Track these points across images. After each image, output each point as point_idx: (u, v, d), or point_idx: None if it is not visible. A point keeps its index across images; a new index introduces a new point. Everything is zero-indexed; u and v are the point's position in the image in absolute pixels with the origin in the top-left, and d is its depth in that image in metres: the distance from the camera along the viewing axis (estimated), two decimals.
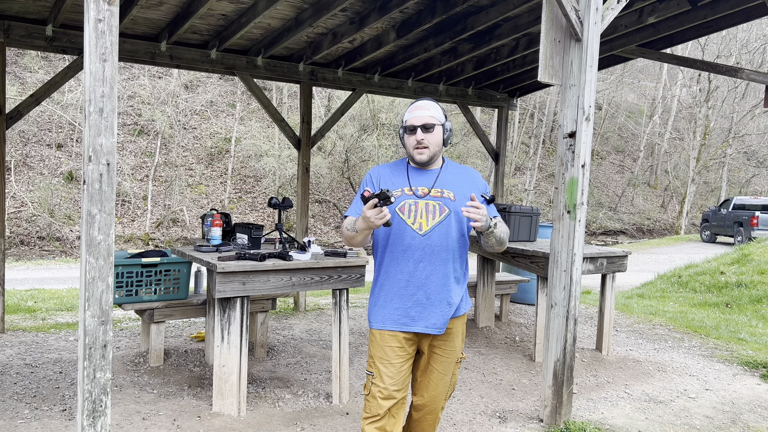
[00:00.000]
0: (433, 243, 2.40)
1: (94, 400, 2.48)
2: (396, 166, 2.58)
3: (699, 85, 27.95)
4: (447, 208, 2.43)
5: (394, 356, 2.44)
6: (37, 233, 15.02)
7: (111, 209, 2.48)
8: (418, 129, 2.43)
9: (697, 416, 4.05)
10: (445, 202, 2.44)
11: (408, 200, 2.44)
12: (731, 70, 6.16)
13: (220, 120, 20.49)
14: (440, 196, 2.44)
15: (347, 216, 2.51)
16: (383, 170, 2.56)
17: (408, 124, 2.46)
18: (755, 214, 19.29)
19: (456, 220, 2.43)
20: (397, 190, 2.47)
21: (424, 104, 2.47)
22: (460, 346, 2.58)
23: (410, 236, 2.41)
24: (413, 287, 2.42)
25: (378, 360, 2.46)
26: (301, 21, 5.28)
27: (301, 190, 6.87)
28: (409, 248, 2.41)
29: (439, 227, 2.41)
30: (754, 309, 7.78)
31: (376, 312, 2.50)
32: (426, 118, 2.43)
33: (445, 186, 2.47)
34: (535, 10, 5.25)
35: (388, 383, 2.43)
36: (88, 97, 2.41)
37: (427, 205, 2.42)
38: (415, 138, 2.43)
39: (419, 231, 2.40)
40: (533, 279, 7.22)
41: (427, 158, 2.45)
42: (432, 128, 2.44)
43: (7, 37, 5.16)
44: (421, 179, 2.49)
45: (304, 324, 6.26)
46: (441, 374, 2.53)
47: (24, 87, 17.40)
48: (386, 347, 2.45)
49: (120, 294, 4.40)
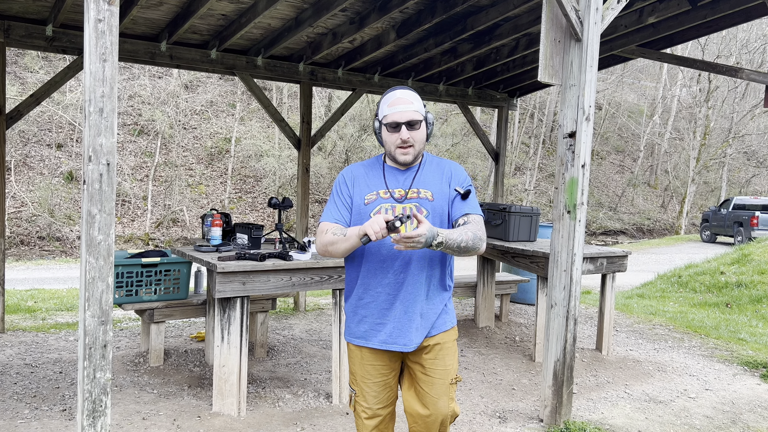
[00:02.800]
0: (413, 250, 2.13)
1: (94, 400, 2.48)
2: (371, 165, 2.34)
3: (699, 85, 27.95)
4: (425, 209, 2.21)
5: (377, 374, 2.29)
6: (37, 233, 15.03)
7: (111, 209, 2.48)
8: (402, 126, 2.17)
9: (697, 416, 4.05)
10: (422, 202, 2.22)
11: (384, 204, 2.22)
12: (731, 70, 6.16)
13: (220, 120, 20.49)
14: (417, 197, 2.23)
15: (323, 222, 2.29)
16: (357, 170, 2.33)
17: (390, 121, 2.18)
18: (755, 214, 19.29)
19: (436, 221, 2.22)
20: (371, 193, 2.25)
21: (406, 96, 2.19)
22: (453, 365, 2.31)
23: (389, 244, 2.19)
24: (393, 299, 2.22)
25: (360, 378, 2.31)
26: (301, 21, 5.28)
27: (301, 190, 6.88)
28: (389, 257, 2.20)
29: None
30: (754, 309, 7.78)
31: (355, 327, 2.32)
32: (410, 113, 2.17)
33: (422, 185, 2.25)
34: (535, 10, 5.25)
35: (371, 402, 2.30)
36: (88, 97, 2.41)
37: (405, 209, 2.20)
38: (398, 136, 2.18)
39: None
40: (533, 279, 7.21)
41: (411, 158, 2.23)
42: (418, 125, 2.19)
43: (7, 37, 5.16)
44: (397, 180, 2.27)
45: (304, 324, 6.26)
46: (434, 398, 2.28)
47: (24, 87, 17.40)
48: (367, 365, 2.29)
49: (120, 294, 4.40)
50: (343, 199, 2.29)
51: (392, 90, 2.22)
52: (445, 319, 2.30)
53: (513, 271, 7.38)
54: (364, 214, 2.23)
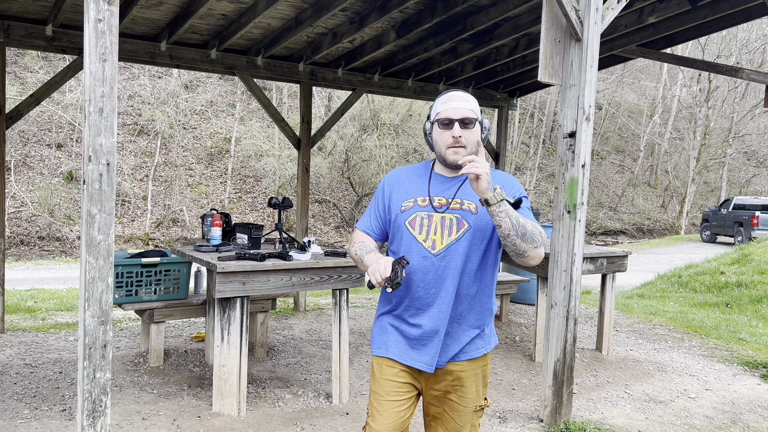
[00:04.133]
0: (448, 264, 1.99)
1: (94, 400, 2.48)
2: (417, 170, 2.17)
3: (699, 85, 27.96)
4: (466, 223, 2.00)
5: (393, 392, 2.07)
6: (37, 233, 15.03)
7: (111, 209, 2.48)
8: (456, 123, 1.99)
9: (697, 416, 4.05)
10: (464, 215, 2.01)
11: (420, 213, 2.04)
12: (731, 70, 6.16)
13: (220, 120, 20.49)
14: (459, 208, 2.02)
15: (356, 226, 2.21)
16: (400, 175, 2.16)
17: (441, 117, 2.02)
18: (755, 214, 19.29)
19: (478, 237, 2.01)
20: (409, 200, 2.08)
21: (462, 95, 2.05)
22: (478, 392, 2.11)
23: (421, 256, 2.01)
24: (423, 316, 2.03)
25: (374, 396, 2.10)
26: (301, 21, 5.28)
27: (301, 190, 6.87)
28: (420, 270, 2.01)
29: (455, 245, 1.99)
30: (754, 309, 7.77)
31: (378, 337, 2.15)
32: (465, 110, 2.01)
33: (467, 196, 2.04)
34: (535, 10, 5.25)
35: (379, 425, 2.04)
36: (88, 97, 2.41)
37: (443, 219, 2.01)
38: (450, 134, 2.00)
39: (432, 250, 2.00)
40: (533, 279, 7.21)
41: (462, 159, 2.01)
42: (472, 124, 2.02)
43: (7, 37, 5.16)
44: (443, 187, 2.07)
45: (304, 324, 6.26)
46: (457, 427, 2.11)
47: (24, 87, 17.40)
48: (384, 380, 2.08)
49: (120, 294, 4.40)
50: (377, 207, 2.15)
51: (448, 91, 2.09)
52: (478, 345, 2.10)
53: (513, 271, 7.38)
54: (399, 223, 2.07)
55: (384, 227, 2.15)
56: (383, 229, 2.15)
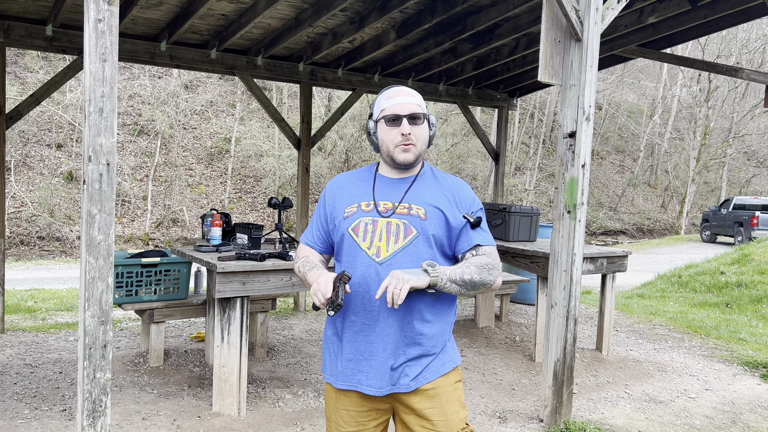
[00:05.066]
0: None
1: (94, 400, 2.48)
2: (360, 174, 2.01)
3: (699, 85, 27.96)
4: (414, 229, 1.84)
5: (352, 421, 1.89)
6: (37, 233, 15.03)
7: (111, 209, 2.48)
8: (404, 119, 1.86)
9: (698, 416, 4.05)
10: (413, 221, 1.85)
11: (364, 218, 1.87)
12: (731, 70, 6.16)
13: (220, 120, 20.49)
14: (407, 213, 1.86)
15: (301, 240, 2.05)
16: (343, 180, 2.00)
17: (388, 114, 1.87)
18: (755, 214, 19.29)
19: (426, 244, 1.84)
20: (352, 205, 1.91)
21: (406, 90, 1.92)
22: (457, 413, 1.87)
23: (365, 264, 1.83)
24: (369, 331, 1.83)
25: (333, 425, 1.93)
26: (301, 21, 5.28)
27: (301, 190, 6.88)
28: (364, 280, 1.82)
29: (402, 253, 1.82)
30: (755, 309, 7.77)
31: (327, 361, 1.95)
32: (412, 106, 1.87)
33: (415, 200, 1.88)
34: (535, 10, 5.25)
35: None
36: (88, 97, 2.41)
37: (389, 225, 1.84)
38: (399, 131, 1.86)
39: (376, 258, 1.82)
40: (533, 279, 7.21)
41: (413, 158, 1.89)
42: (421, 119, 1.89)
43: (7, 37, 5.16)
44: (388, 191, 1.92)
45: (304, 324, 6.26)
46: None
47: (24, 87, 17.40)
48: (341, 409, 1.90)
49: (120, 294, 4.40)
50: (319, 218, 2.01)
51: (390, 87, 1.95)
52: (443, 360, 1.90)
53: (513, 271, 7.38)
54: (342, 230, 1.90)
55: (327, 238, 1.99)
56: (327, 240, 2.00)
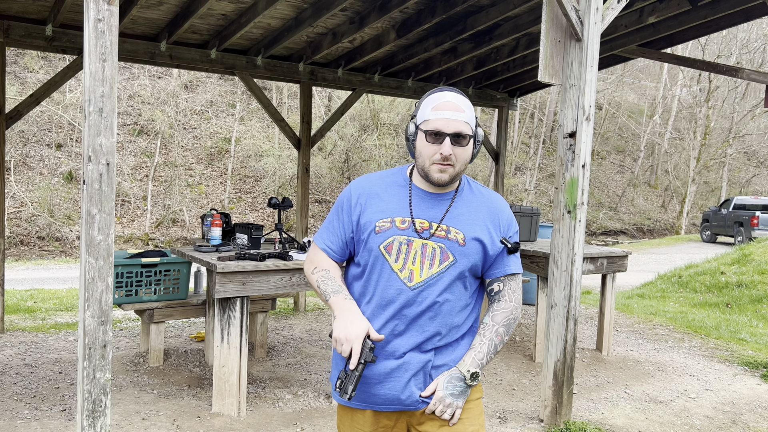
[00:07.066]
0: (424, 299, 1.69)
1: (93, 401, 2.48)
2: (392, 181, 1.80)
3: (699, 85, 27.95)
4: (451, 255, 1.70)
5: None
6: (36, 233, 15.02)
7: (111, 209, 2.47)
8: (447, 138, 1.65)
9: (698, 416, 4.05)
10: (450, 246, 1.70)
11: (399, 236, 1.70)
12: (731, 69, 6.16)
13: (220, 120, 20.49)
14: (444, 236, 1.70)
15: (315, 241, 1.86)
16: (372, 188, 1.78)
17: (431, 128, 1.66)
18: (755, 214, 19.28)
19: (461, 271, 1.71)
20: (385, 219, 1.72)
21: (458, 101, 1.69)
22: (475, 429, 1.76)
23: (396, 288, 1.69)
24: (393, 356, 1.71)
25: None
26: (301, 21, 5.28)
27: (301, 190, 6.87)
28: (392, 303, 1.69)
29: (436, 280, 1.69)
30: (755, 309, 7.77)
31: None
32: (459, 123, 1.66)
33: (455, 222, 1.72)
34: (535, 9, 5.25)
35: None
36: (87, 97, 2.41)
37: (425, 247, 1.70)
38: (439, 150, 1.66)
39: (408, 282, 1.69)
40: (533, 279, 7.21)
41: (448, 179, 1.70)
42: (466, 140, 1.67)
43: (7, 37, 5.16)
44: (425, 207, 1.74)
45: (304, 324, 6.25)
46: None
47: (24, 87, 17.40)
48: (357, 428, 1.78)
49: (120, 294, 4.40)
50: (341, 223, 1.79)
51: (440, 91, 1.71)
52: None
53: None
54: (372, 246, 1.72)
55: (346, 246, 1.80)
56: (345, 248, 1.81)
